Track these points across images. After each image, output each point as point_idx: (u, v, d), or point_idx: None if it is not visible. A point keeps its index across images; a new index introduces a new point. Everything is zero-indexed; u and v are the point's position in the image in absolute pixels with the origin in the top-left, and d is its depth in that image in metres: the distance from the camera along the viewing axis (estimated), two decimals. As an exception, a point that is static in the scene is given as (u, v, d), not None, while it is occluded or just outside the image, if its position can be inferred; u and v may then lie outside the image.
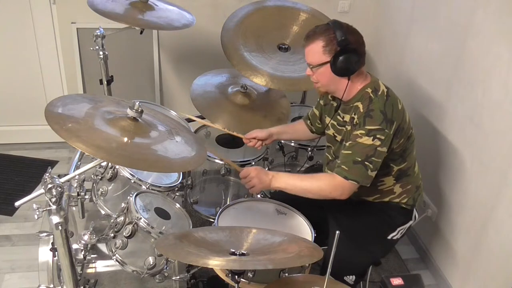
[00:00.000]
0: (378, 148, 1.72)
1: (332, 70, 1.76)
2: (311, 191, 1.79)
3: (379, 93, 1.78)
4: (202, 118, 2.44)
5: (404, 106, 1.82)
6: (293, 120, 2.62)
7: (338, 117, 1.91)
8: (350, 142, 1.76)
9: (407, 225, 1.99)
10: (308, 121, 2.17)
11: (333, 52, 1.74)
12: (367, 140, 1.71)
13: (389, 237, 1.96)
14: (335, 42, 1.73)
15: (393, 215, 1.96)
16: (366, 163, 1.72)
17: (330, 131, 1.96)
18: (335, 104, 1.96)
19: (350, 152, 1.75)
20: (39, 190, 1.33)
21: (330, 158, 2.02)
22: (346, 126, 1.85)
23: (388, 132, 1.72)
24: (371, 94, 1.77)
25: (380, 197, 1.93)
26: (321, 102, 2.07)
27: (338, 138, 1.92)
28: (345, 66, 1.74)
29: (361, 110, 1.76)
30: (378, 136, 1.71)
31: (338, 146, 1.93)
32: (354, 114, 1.78)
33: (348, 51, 1.73)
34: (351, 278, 1.90)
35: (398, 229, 1.96)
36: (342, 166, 1.75)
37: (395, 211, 1.96)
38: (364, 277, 2.07)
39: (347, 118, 1.86)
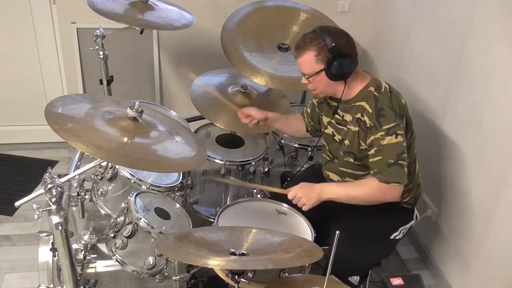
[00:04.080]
0: (404, 143, 1.74)
1: (328, 77, 1.78)
2: (363, 199, 1.80)
3: (382, 90, 1.79)
4: (202, 118, 2.44)
5: (405, 102, 1.83)
6: (293, 120, 2.62)
7: (337, 116, 1.92)
8: (375, 148, 1.76)
9: (409, 224, 1.99)
10: (305, 118, 2.18)
11: (325, 59, 1.75)
12: (391, 139, 1.73)
13: (391, 237, 1.96)
14: (326, 49, 1.74)
15: (395, 215, 1.96)
16: (399, 162, 1.73)
17: (329, 130, 1.97)
18: (332, 103, 1.96)
19: (380, 157, 1.75)
20: (39, 190, 1.33)
21: (328, 158, 2.02)
22: (348, 126, 1.85)
23: (403, 126, 1.75)
24: (375, 93, 1.78)
25: None
26: (315, 101, 2.08)
27: (337, 137, 1.92)
28: (339, 71, 1.76)
29: (370, 111, 1.77)
30: (397, 131, 1.73)
31: (337, 146, 1.93)
32: (362, 115, 1.79)
33: (340, 56, 1.74)
34: (355, 279, 1.90)
35: (400, 228, 1.96)
36: (380, 174, 1.75)
37: (397, 210, 1.96)
38: (367, 277, 2.07)
39: (348, 117, 1.86)
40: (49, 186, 1.29)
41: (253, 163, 2.37)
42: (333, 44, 1.73)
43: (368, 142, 1.78)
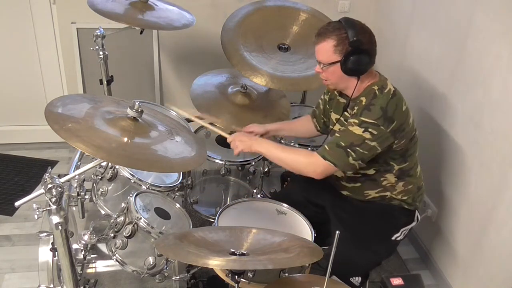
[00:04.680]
0: (367, 141, 1.72)
1: (342, 70, 1.76)
2: (286, 162, 1.85)
3: (385, 91, 1.78)
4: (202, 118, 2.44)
5: (409, 109, 1.82)
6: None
7: (346, 113, 1.93)
8: (342, 128, 1.79)
9: (410, 226, 1.99)
10: (314, 119, 2.17)
11: (344, 52, 1.73)
12: (357, 130, 1.73)
13: (392, 238, 1.96)
14: (346, 42, 1.72)
15: (396, 216, 1.96)
16: (348, 150, 1.73)
17: (336, 127, 1.97)
18: (341, 100, 1.97)
19: (338, 135, 1.78)
20: (39, 190, 1.33)
21: None
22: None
23: (383, 130, 1.72)
24: (376, 91, 1.78)
25: (382, 191, 1.93)
26: (326, 97, 2.08)
27: None
28: (355, 66, 1.75)
29: (363, 103, 1.77)
30: (370, 129, 1.71)
31: None
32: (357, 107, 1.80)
33: (360, 52, 1.73)
34: (357, 280, 1.90)
35: (401, 229, 1.96)
36: (325, 146, 1.78)
37: (398, 211, 1.96)
38: (368, 278, 2.07)
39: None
40: (49, 186, 1.29)
41: (253, 163, 2.37)
42: (355, 38, 1.71)
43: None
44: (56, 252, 1.45)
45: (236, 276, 1.47)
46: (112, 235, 1.75)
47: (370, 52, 1.76)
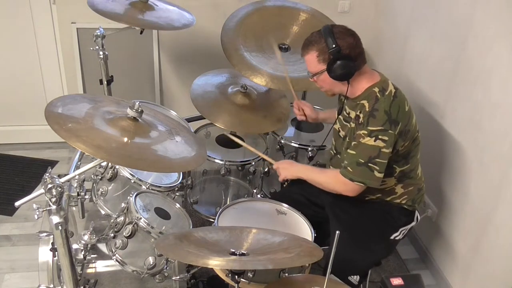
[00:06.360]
0: (383, 149, 1.73)
1: (330, 77, 1.80)
2: (322, 185, 1.91)
3: (387, 93, 1.79)
4: (202, 118, 2.44)
5: (411, 109, 1.82)
6: (293, 120, 2.62)
7: (344, 112, 1.94)
8: (354, 142, 1.79)
9: (409, 225, 1.99)
10: None
11: (326, 61, 1.79)
12: (370, 141, 1.73)
13: (391, 237, 1.96)
14: (326, 51, 1.77)
15: (395, 216, 1.97)
16: (369, 164, 1.74)
17: (336, 125, 1.99)
18: (343, 99, 1.98)
19: (354, 152, 1.77)
20: (39, 190, 1.33)
21: (333, 153, 2.04)
22: (351, 123, 1.87)
23: (392, 133, 1.73)
24: (377, 94, 1.79)
25: (381, 196, 1.94)
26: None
27: (342, 133, 1.95)
28: (340, 72, 1.78)
29: (367, 109, 1.78)
30: (380, 137, 1.72)
31: (341, 142, 1.95)
32: (360, 112, 1.80)
33: (341, 58, 1.76)
34: (355, 278, 1.90)
35: (400, 229, 1.97)
36: (348, 168, 1.78)
37: (397, 211, 1.97)
38: (367, 277, 2.07)
39: (352, 114, 1.88)
40: (49, 186, 1.29)
41: (253, 163, 2.37)
42: (333, 46, 1.75)
43: (354, 136, 1.81)
44: (56, 252, 1.45)
45: (236, 276, 1.47)
46: (112, 235, 1.75)
47: (352, 56, 1.78)
